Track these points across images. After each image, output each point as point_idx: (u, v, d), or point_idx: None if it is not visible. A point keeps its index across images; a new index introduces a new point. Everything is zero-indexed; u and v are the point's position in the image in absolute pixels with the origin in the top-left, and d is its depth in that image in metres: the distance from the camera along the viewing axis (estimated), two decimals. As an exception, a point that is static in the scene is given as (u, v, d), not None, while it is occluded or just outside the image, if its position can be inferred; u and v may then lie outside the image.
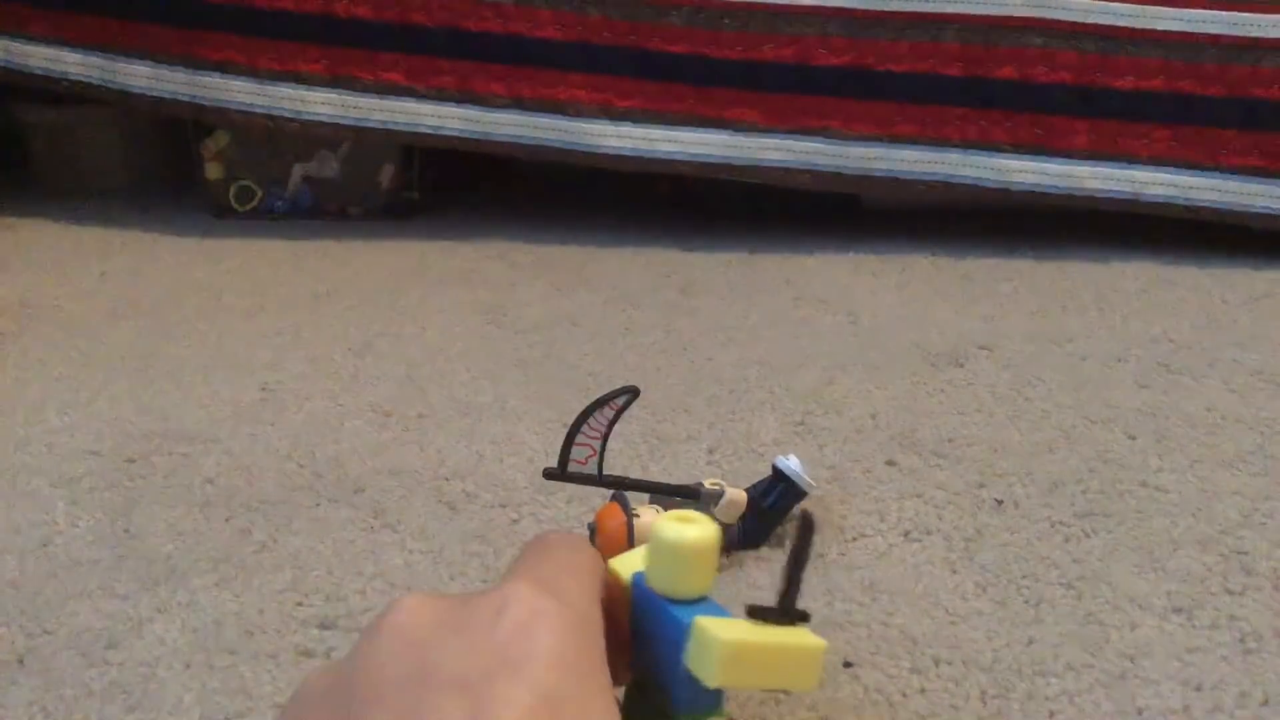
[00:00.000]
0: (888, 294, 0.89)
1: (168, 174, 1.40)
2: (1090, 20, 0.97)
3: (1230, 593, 0.43)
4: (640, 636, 0.29)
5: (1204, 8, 0.95)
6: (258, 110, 1.07)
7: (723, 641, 0.25)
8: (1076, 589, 0.44)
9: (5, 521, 0.51)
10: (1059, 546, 0.47)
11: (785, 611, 0.27)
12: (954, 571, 0.45)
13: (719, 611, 0.28)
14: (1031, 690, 0.37)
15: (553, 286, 0.92)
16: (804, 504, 0.49)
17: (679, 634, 0.27)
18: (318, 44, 1.05)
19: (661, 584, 0.28)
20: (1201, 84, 0.97)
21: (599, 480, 0.43)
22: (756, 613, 0.27)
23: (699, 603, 0.28)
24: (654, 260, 1.02)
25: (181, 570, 0.46)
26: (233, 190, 1.22)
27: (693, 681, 0.26)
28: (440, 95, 1.05)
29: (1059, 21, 0.97)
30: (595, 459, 0.42)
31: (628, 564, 0.30)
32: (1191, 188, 0.99)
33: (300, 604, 0.44)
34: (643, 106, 1.03)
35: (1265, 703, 0.37)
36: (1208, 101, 0.97)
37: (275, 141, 1.19)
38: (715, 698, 0.28)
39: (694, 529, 0.28)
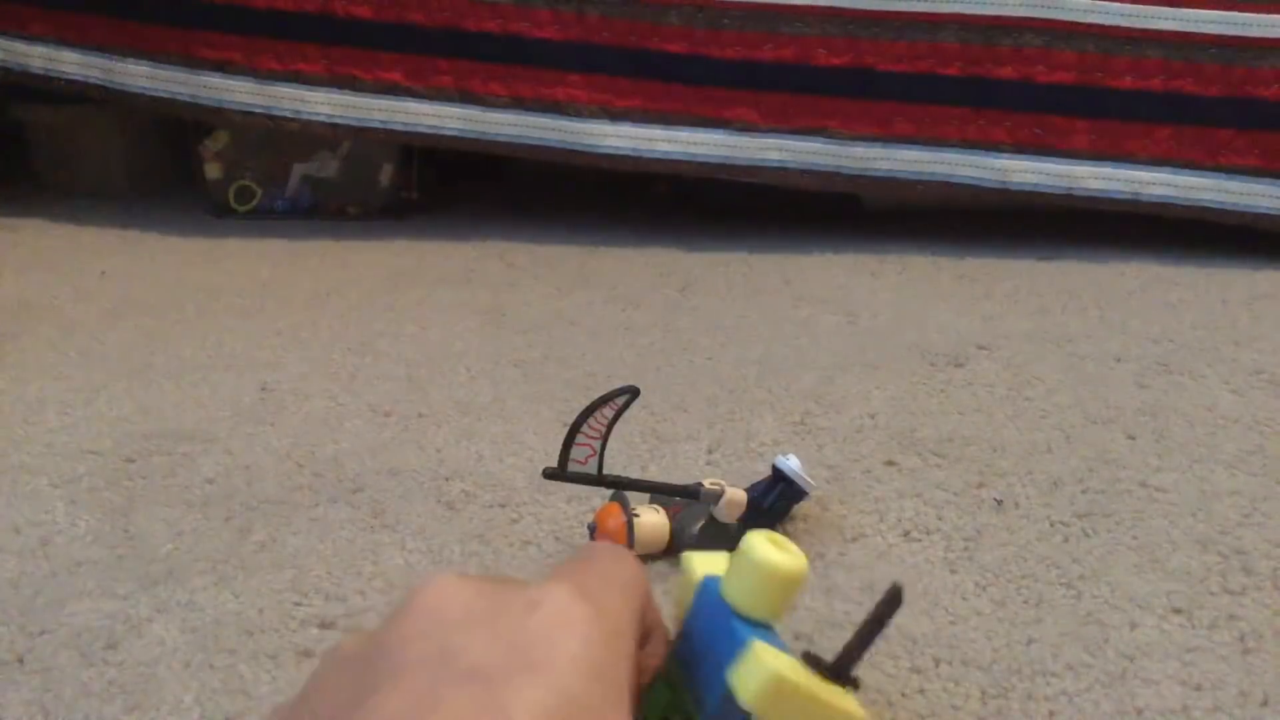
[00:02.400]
0: (887, 294, 0.89)
1: (168, 174, 1.40)
2: (1090, 20, 0.97)
3: (1230, 593, 0.43)
4: (690, 636, 0.29)
5: (1204, 8, 0.95)
6: (258, 110, 1.07)
7: (772, 671, 0.25)
8: (1076, 589, 0.44)
9: (5, 521, 0.51)
10: (1059, 546, 0.47)
11: (839, 672, 0.27)
12: (954, 571, 0.45)
13: (779, 644, 0.27)
14: (1031, 690, 0.37)
15: (552, 286, 0.92)
16: (805, 503, 0.49)
17: (733, 648, 0.26)
18: (317, 44, 1.05)
19: (736, 596, 0.28)
20: (1201, 84, 0.97)
21: (599, 480, 0.43)
22: (811, 660, 0.27)
23: (763, 628, 0.28)
24: (654, 260, 1.02)
25: (181, 570, 0.46)
26: (233, 190, 1.22)
27: (728, 699, 0.26)
28: (439, 95, 1.05)
29: (1059, 21, 0.97)
30: (595, 459, 0.42)
31: (705, 563, 0.30)
32: (1191, 188, 0.99)
33: (300, 604, 0.44)
34: (642, 106, 1.03)
35: (1265, 703, 0.37)
36: (1208, 101, 0.97)
37: (275, 141, 1.19)
38: (735, 703, 0.27)
39: (790, 557, 0.27)
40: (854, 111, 1.01)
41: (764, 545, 0.27)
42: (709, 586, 0.29)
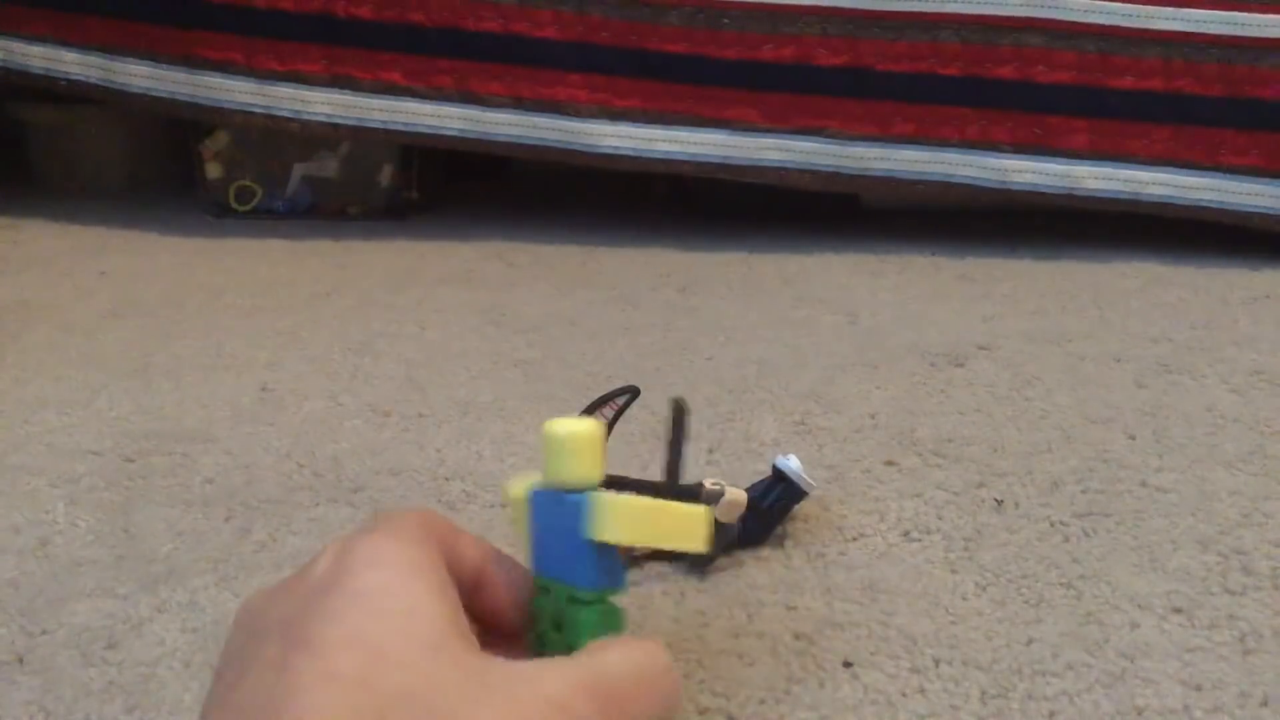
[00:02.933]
0: (887, 294, 0.89)
1: (168, 174, 1.40)
2: (1090, 20, 0.97)
3: (1230, 593, 0.43)
4: (541, 541, 0.31)
5: (1204, 8, 0.95)
6: (258, 110, 1.07)
7: (621, 502, 0.30)
8: (1076, 589, 0.44)
9: (5, 521, 0.51)
10: (1059, 546, 0.47)
11: (670, 488, 0.35)
12: (954, 571, 0.45)
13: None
14: (1031, 690, 0.37)
15: (552, 286, 0.92)
16: (805, 503, 0.49)
17: (577, 514, 0.30)
18: (317, 44, 1.05)
19: (559, 478, 0.31)
20: (1201, 84, 0.97)
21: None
22: (642, 487, 0.32)
23: (590, 491, 0.31)
24: (654, 260, 1.02)
25: (181, 570, 0.46)
26: (233, 190, 1.22)
27: (596, 557, 0.30)
28: (439, 95, 1.05)
29: (1059, 21, 0.97)
30: (595, 459, 0.42)
31: (521, 484, 0.33)
32: (1191, 188, 0.99)
33: (300, 604, 0.44)
34: (642, 106, 1.03)
35: (1265, 703, 0.37)
36: (1208, 101, 0.97)
37: (275, 141, 1.19)
38: (619, 575, 0.31)
39: (582, 422, 0.31)
40: (854, 111, 1.01)
41: (560, 423, 0.31)
42: (536, 494, 0.32)
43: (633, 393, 0.42)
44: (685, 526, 0.31)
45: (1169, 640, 0.40)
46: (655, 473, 0.55)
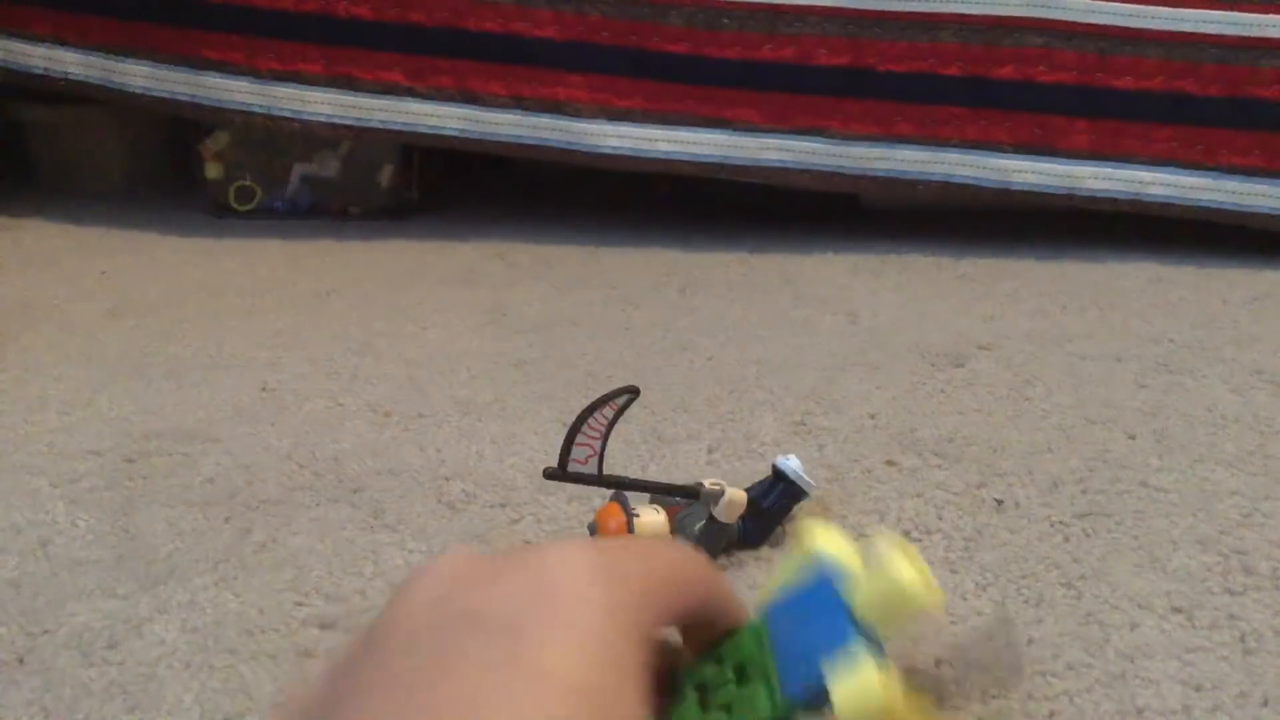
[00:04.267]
0: (888, 294, 0.89)
1: (168, 174, 1.40)
2: (1090, 20, 0.97)
3: (1230, 593, 0.43)
4: (790, 605, 0.29)
5: (1204, 8, 0.95)
6: (258, 110, 1.07)
7: (870, 688, 0.26)
8: (1076, 589, 0.44)
9: (5, 521, 0.51)
10: (1059, 546, 0.47)
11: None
12: (954, 571, 0.45)
13: (880, 650, 0.28)
14: (1031, 690, 0.37)
15: (553, 286, 0.92)
16: (805, 503, 0.49)
17: (834, 643, 0.27)
18: (318, 44, 1.05)
19: (863, 602, 0.28)
20: (1201, 84, 0.97)
21: (599, 480, 0.43)
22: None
23: (867, 632, 0.28)
24: (654, 260, 1.02)
25: (181, 570, 0.46)
26: (233, 190, 1.22)
27: (816, 690, 0.26)
28: (440, 95, 1.05)
29: (1059, 21, 0.97)
30: (595, 459, 0.42)
31: (832, 543, 0.30)
32: (1191, 188, 0.99)
33: (300, 604, 0.44)
34: (642, 106, 1.03)
35: (1265, 703, 0.37)
36: (1208, 101, 0.97)
37: (275, 141, 1.19)
38: (822, 704, 0.27)
39: (935, 593, 0.28)
40: (854, 111, 1.01)
41: (910, 570, 0.27)
42: (829, 571, 0.29)
43: (633, 393, 0.42)
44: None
45: (1169, 640, 0.40)
46: (655, 475, 0.55)
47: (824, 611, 0.28)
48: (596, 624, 0.22)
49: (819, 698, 0.26)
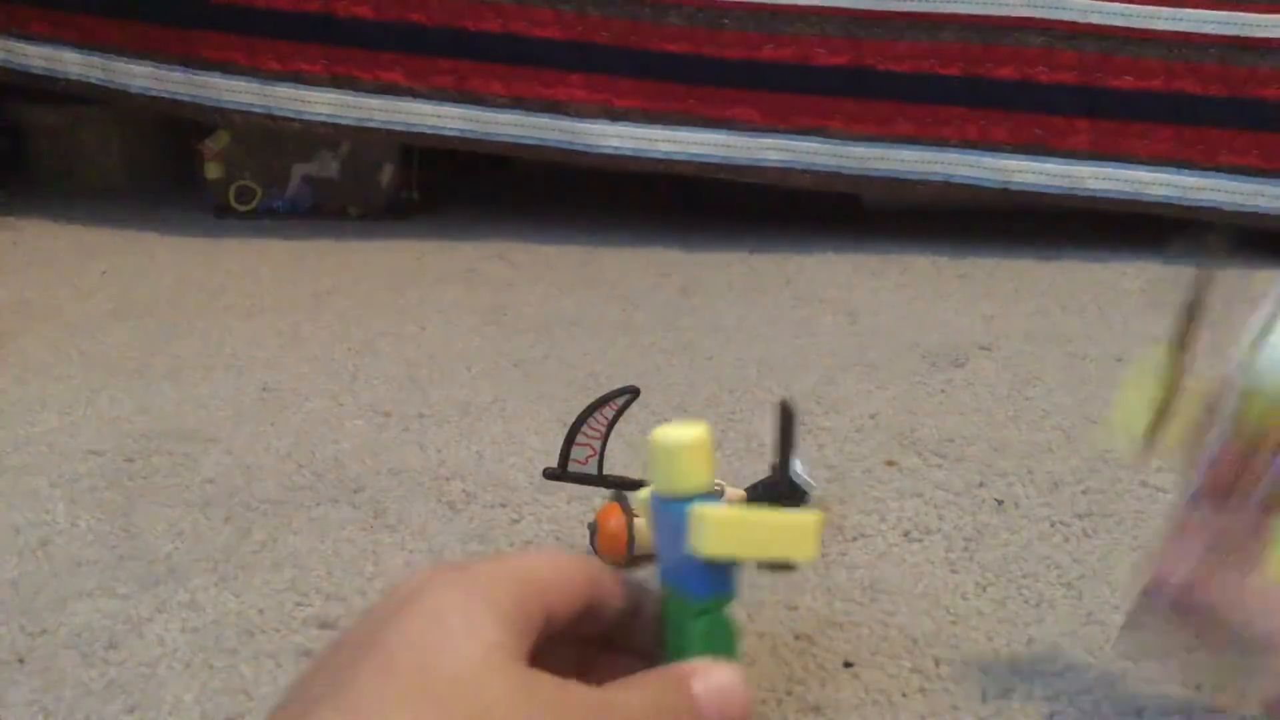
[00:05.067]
0: (888, 294, 0.89)
1: (168, 174, 1.40)
2: (1090, 20, 0.97)
3: (1230, 593, 0.43)
4: (659, 552, 0.31)
5: (1204, 8, 0.95)
6: (258, 110, 1.07)
7: (715, 514, 0.29)
8: (1077, 589, 0.44)
9: (5, 521, 0.51)
10: (1059, 546, 0.47)
11: (782, 484, 0.32)
12: (954, 571, 0.45)
13: (715, 502, 0.30)
14: (1031, 690, 0.37)
15: (553, 286, 0.92)
16: (805, 503, 0.49)
17: (681, 524, 0.29)
18: (318, 44, 1.05)
19: (665, 486, 0.30)
20: (1201, 84, 0.97)
21: (599, 480, 0.43)
22: (757, 489, 0.31)
23: (699, 498, 0.30)
24: (654, 260, 1.02)
25: (181, 570, 0.46)
26: (233, 190, 1.22)
27: (702, 567, 0.29)
28: (440, 95, 1.05)
29: (1059, 21, 0.97)
30: (595, 459, 0.42)
31: (647, 490, 0.32)
32: (1192, 188, 0.99)
33: (300, 604, 0.44)
34: (642, 106, 1.03)
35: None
36: (1208, 101, 0.97)
37: (275, 141, 1.19)
38: (728, 584, 0.30)
39: (687, 428, 0.30)
40: (854, 111, 1.01)
41: (665, 431, 0.30)
42: (653, 498, 0.31)
43: (633, 393, 0.42)
44: (792, 536, 0.30)
45: (1169, 640, 0.40)
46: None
47: (665, 525, 0.30)
48: (448, 624, 0.25)
49: (709, 565, 0.29)
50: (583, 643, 0.31)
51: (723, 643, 0.30)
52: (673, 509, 0.29)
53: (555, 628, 0.28)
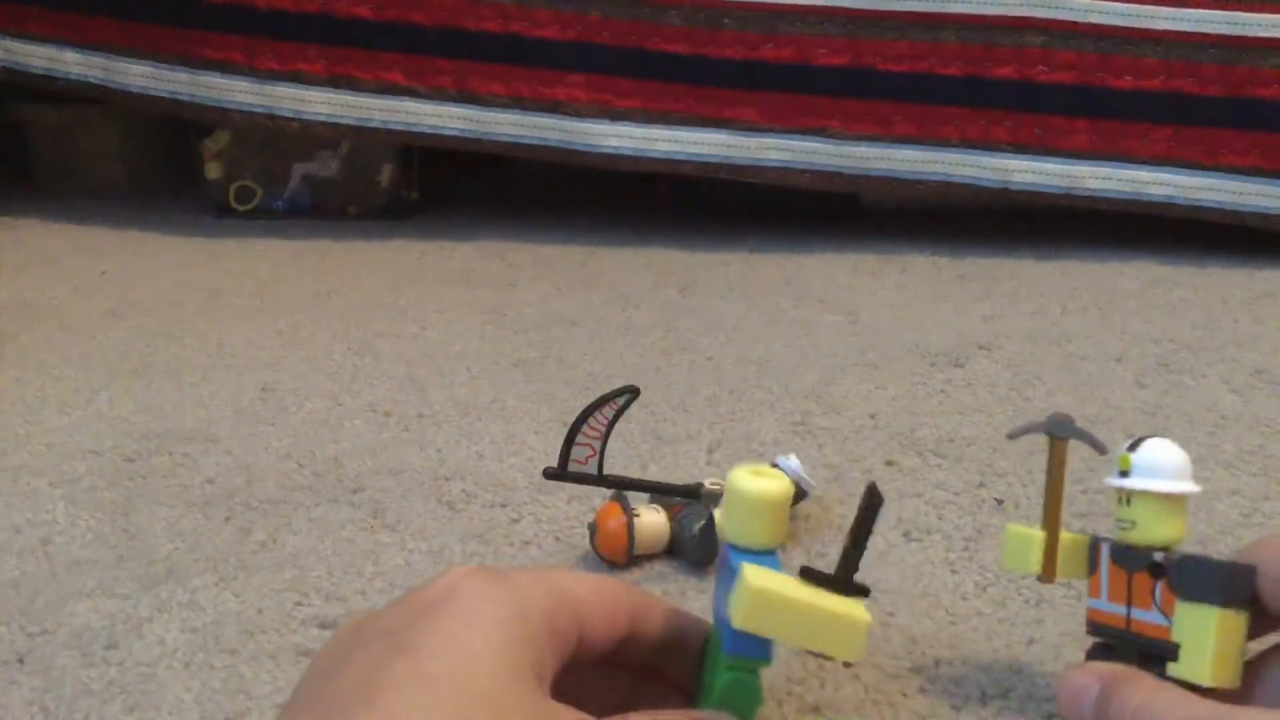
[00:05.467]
0: (888, 294, 0.89)
1: (168, 174, 1.40)
2: (1090, 20, 0.97)
3: (1230, 592, 0.43)
4: (717, 586, 0.30)
5: (1204, 8, 0.95)
6: (258, 110, 1.07)
7: (752, 587, 0.27)
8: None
9: (5, 521, 0.51)
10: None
11: (838, 582, 0.28)
12: (954, 571, 0.45)
13: (774, 565, 0.28)
14: (1031, 690, 0.37)
15: (553, 286, 0.93)
16: (805, 503, 0.49)
17: (733, 578, 0.28)
18: (318, 44, 1.05)
19: (733, 533, 0.29)
20: (1201, 84, 0.97)
21: (599, 480, 0.43)
22: (808, 575, 0.28)
23: (764, 555, 0.29)
24: (654, 260, 1.02)
25: (181, 570, 0.46)
26: (233, 190, 1.22)
27: (730, 624, 0.27)
28: (439, 95, 1.05)
29: (1059, 21, 0.97)
30: (595, 458, 0.42)
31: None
32: (1191, 188, 0.99)
33: (300, 604, 0.44)
34: (642, 106, 1.03)
35: (1265, 702, 0.37)
36: (1208, 101, 0.97)
37: (275, 141, 1.19)
38: (763, 648, 0.28)
39: (766, 481, 0.28)
40: (854, 111, 1.01)
41: (743, 477, 0.28)
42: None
43: (633, 392, 0.42)
44: (839, 632, 0.27)
45: (1169, 640, 0.40)
46: (655, 475, 0.55)
47: (725, 568, 0.29)
48: (482, 633, 0.25)
49: (748, 636, 0.27)
50: (630, 671, 0.30)
51: (743, 704, 0.29)
52: (731, 558, 0.28)
53: (594, 651, 0.28)
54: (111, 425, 0.62)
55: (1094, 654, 0.34)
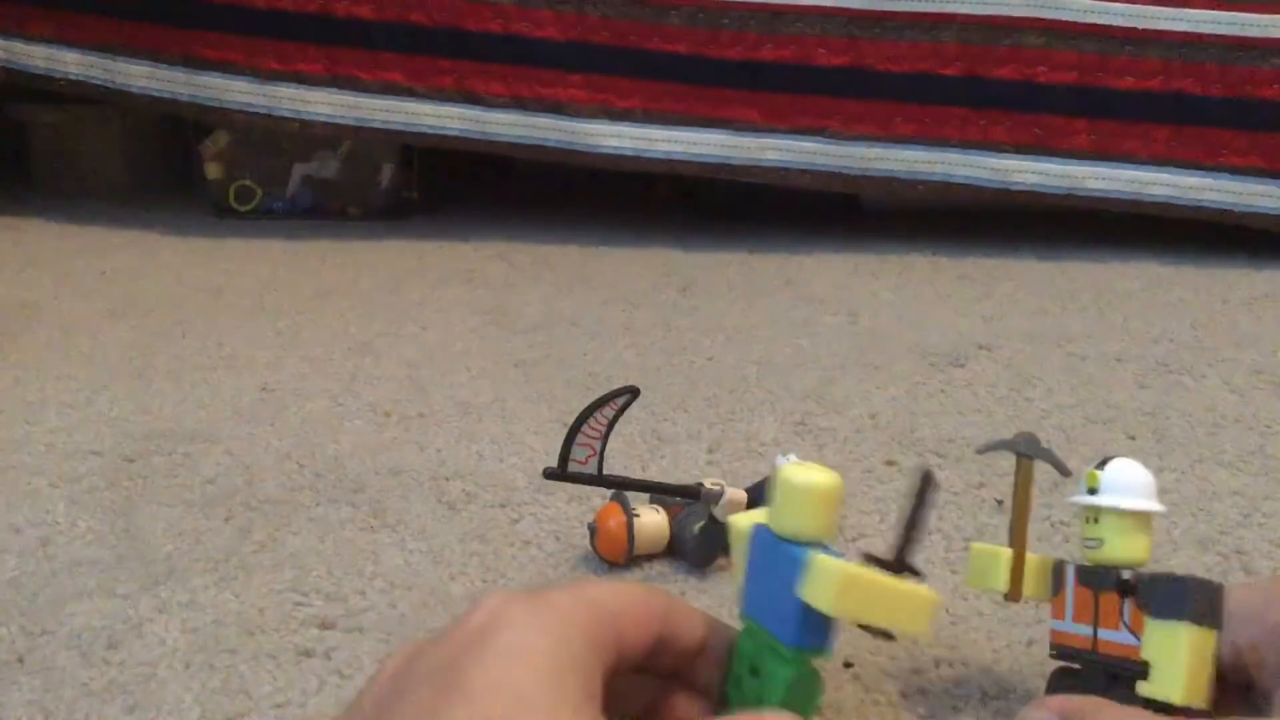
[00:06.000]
0: (888, 294, 0.89)
1: (168, 174, 1.40)
2: (1090, 20, 0.97)
3: (1230, 593, 0.43)
4: (754, 580, 0.30)
5: (1204, 8, 0.95)
6: (258, 110, 1.08)
7: (840, 572, 0.27)
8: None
9: (5, 521, 0.51)
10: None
11: (899, 563, 0.30)
12: (955, 571, 0.45)
13: (835, 553, 0.29)
14: (1031, 691, 0.37)
15: (553, 286, 0.92)
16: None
17: (795, 570, 0.28)
18: (318, 44, 1.05)
19: (785, 526, 0.29)
20: (1201, 84, 0.97)
21: (599, 480, 0.43)
22: (870, 559, 0.29)
23: (817, 546, 0.29)
24: (654, 260, 1.02)
25: (181, 570, 0.46)
26: (233, 190, 1.22)
27: (806, 616, 0.28)
28: (440, 95, 1.05)
29: (1059, 21, 0.97)
30: (595, 459, 0.42)
31: (749, 518, 0.31)
32: (1191, 188, 0.99)
33: (300, 604, 0.44)
34: (642, 106, 1.03)
35: (1265, 703, 0.37)
36: (1208, 101, 0.97)
37: (275, 141, 1.19)
38: (825, 636, 0.29)
39: (822, 474, 0.29)
40: (854, 111, 1.01)
41: (798, 470, 0.29)
42: (760, 531, 0.30)
43: (633, 393, 0.42)
44: (910, 608, 0.28)
45: (1169, 640, 0.40)
46: (655, 475, 0.55)
47: (770, 564, 0.29)
48: (532, 669, 0.25)
49: (813, 616, 0.28)
50: (657, 676, 0.30)
51: (807, 697, 0.29)
52: (786, 550, 0.28)
53: (629, 662, 0.28)
54: (112, 425, 0.62)
55: (1056, 680, 0.34)
